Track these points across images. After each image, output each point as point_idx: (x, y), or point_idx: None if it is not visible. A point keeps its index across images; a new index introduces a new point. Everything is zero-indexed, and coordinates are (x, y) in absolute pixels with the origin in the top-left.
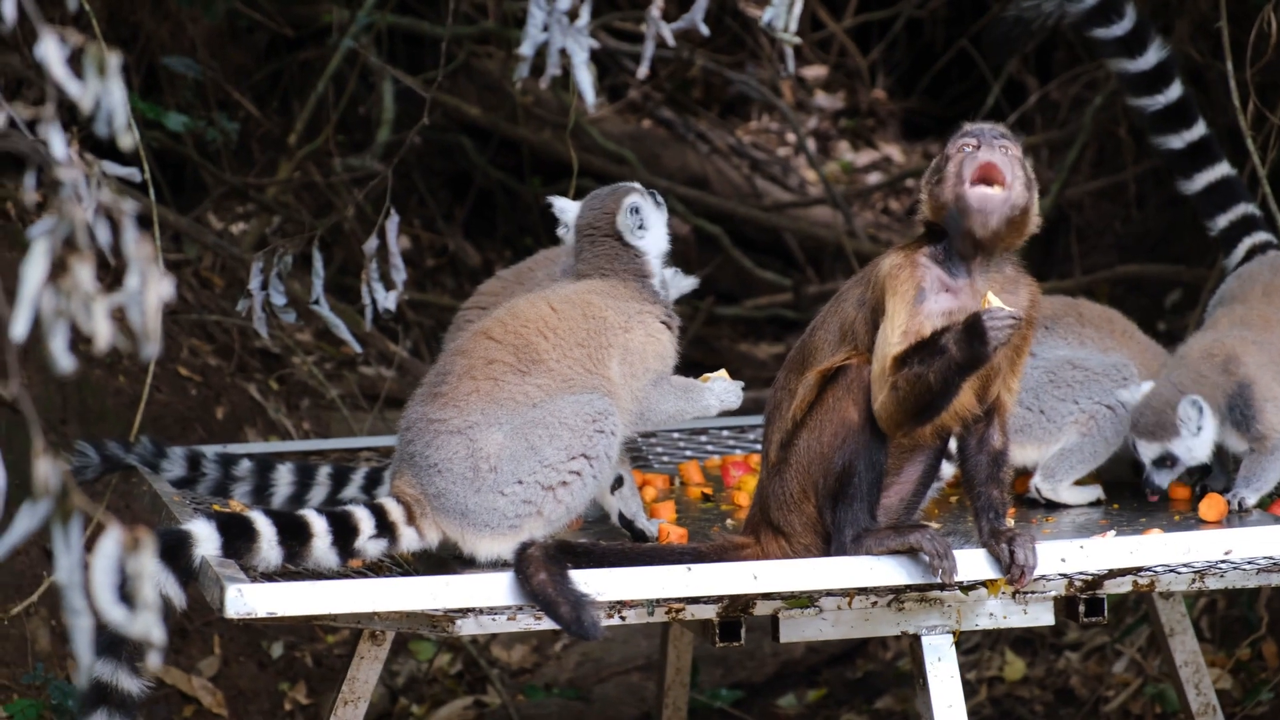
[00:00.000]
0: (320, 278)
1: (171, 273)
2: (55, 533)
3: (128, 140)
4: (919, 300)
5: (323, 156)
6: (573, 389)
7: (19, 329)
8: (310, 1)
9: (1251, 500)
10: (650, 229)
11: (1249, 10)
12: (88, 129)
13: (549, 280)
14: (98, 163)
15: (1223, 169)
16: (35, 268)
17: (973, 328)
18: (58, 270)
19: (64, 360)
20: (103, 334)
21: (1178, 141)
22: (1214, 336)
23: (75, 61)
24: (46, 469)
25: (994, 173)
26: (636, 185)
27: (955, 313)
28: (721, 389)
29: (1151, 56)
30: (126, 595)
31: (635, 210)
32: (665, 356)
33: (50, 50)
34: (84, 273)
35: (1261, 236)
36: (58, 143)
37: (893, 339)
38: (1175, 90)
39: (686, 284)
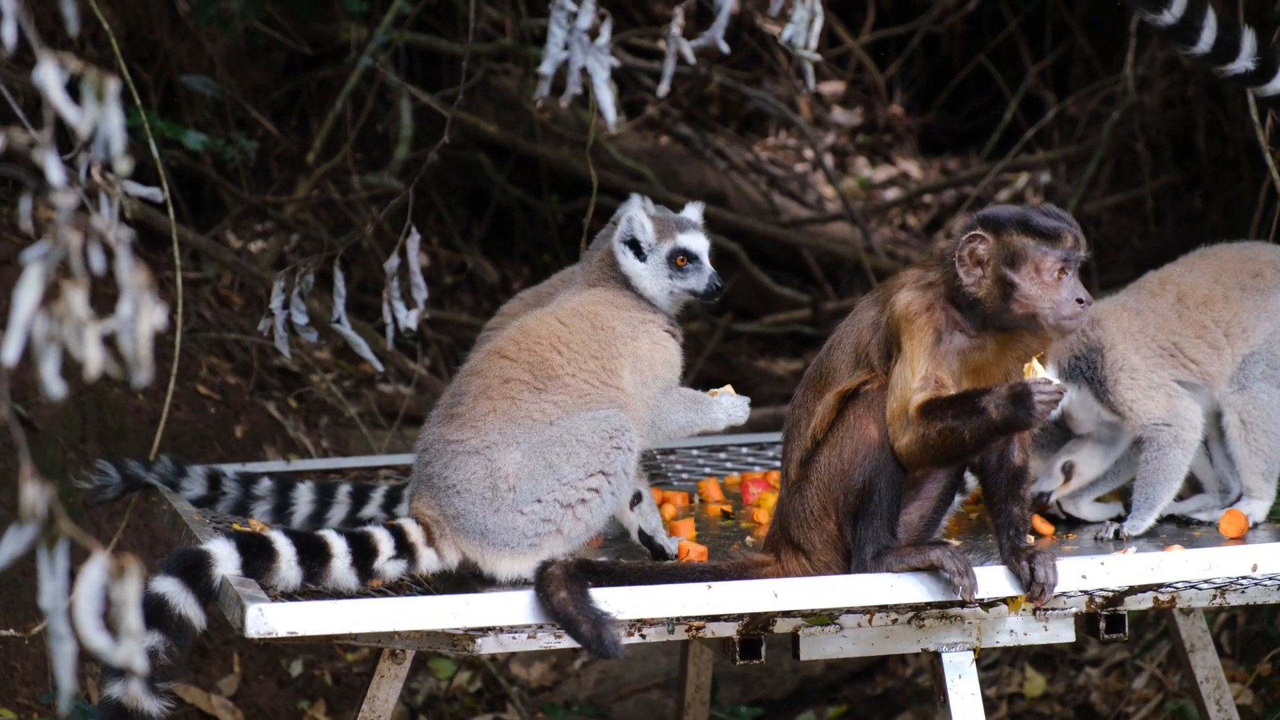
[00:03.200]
0: (342, 296)
1: (190, 291)
2: (41, 558)
3: (124, 166)
4: (936, 344)
5: (341, 174)
6: (589, 404)
7: (10, 353)
8: (328, 20)
9: (1140, 528)
10: (645, 258)
11: (1269, 23)
12: None
13: None
14: (119, 181)
15: None
16: (28, 292)
17: (1019, 397)
18: (53, 294)
19: (54, 386)
20: (94, 360)
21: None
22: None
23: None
24: (34, 493)
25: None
26: (658, 210)
27: (969, 351)
28: (729, 404)
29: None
30: (152, 618)
31: (630, 223)
32: (673, 364)
33: (49, 75)
34: (77, 298)
35: None
36: (54, 168)
37: (914, 383)
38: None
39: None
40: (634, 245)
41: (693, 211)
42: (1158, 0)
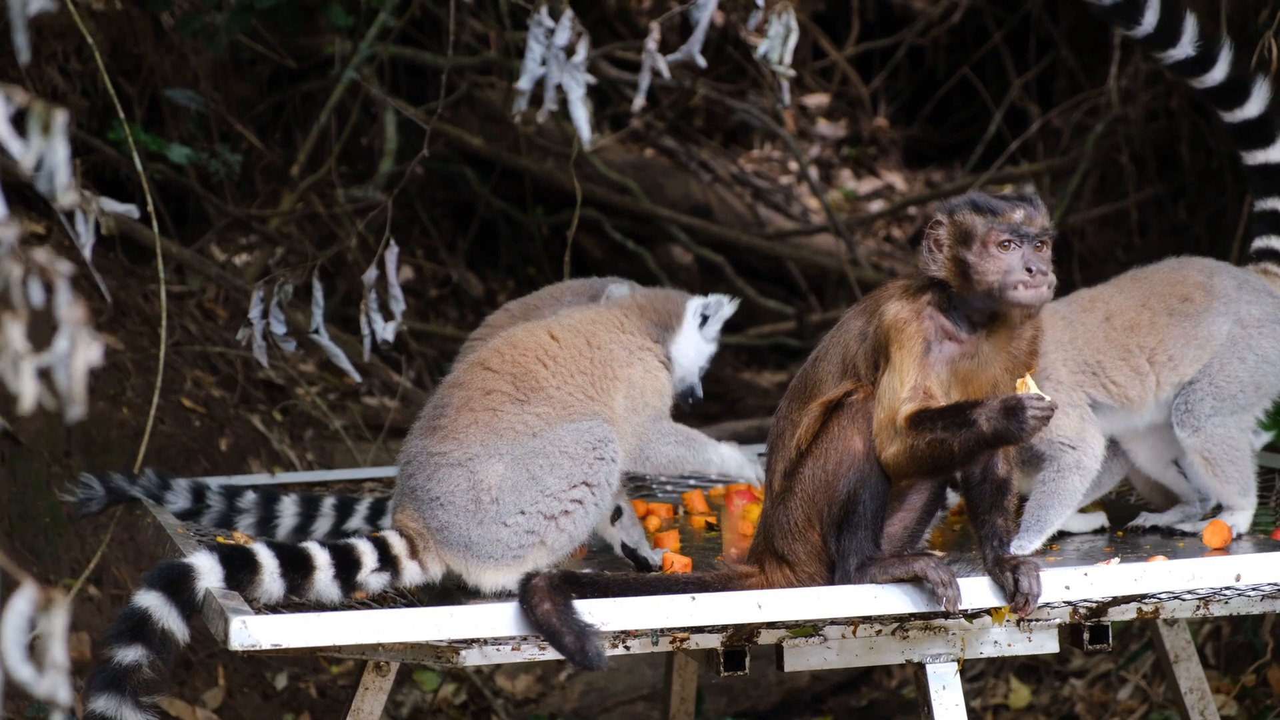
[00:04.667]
0: (320, 307)
1: (174, 304)
2: None
3: (69, 198)
4: (925, 353)
5: (325, 187)
6: (573, 416)
7: None
8: (313, 33)
9: (1028, 549)
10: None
11: (1251, 37)
12: (92, 161)
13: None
14: (96, 198)
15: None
16: None
17: (1012, 411)
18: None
19: None
20: (28, 394)
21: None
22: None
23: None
24: None
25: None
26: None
27: (958, 360)
28: (727, 452)
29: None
30: (135, 632)
31: (720, 305)
32: (664, 394)
33: None
34: (15, 331)
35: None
36: None
37: (902, 394)
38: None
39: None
40: (704, 321)
41: None
42: None
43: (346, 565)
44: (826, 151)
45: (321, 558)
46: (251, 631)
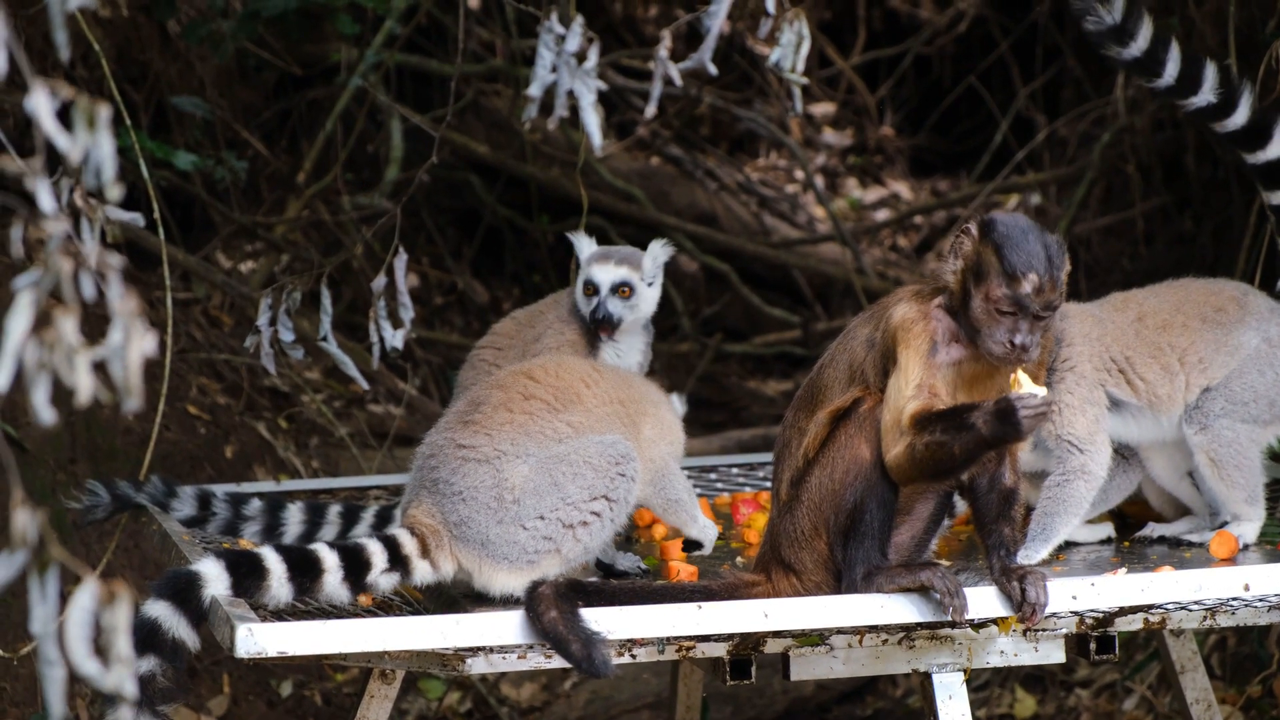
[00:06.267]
0: (328, 315)
1: (179, 311)
2: (31, 583)
3: (115, 193)
4: (932, 354)
5: (331, 195)
6: (601, 429)
7: (1, 380)
8: (319, 40)
9: (1035, 558)
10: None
11: (1258, 45)
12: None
13: (559, 322)
14: (101, 206)
15: None
16: (19, 319)
17: (1004, 412)
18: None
19: (45, 413)
20: (84, 387)
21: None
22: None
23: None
24: (25, 520)
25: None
26: None
27: (964, 363)
28: (709, 524)
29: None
30: (147, 643)
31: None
32: (681, 441)
33: (40, 103)
34: (67, 325)
35: None
36: (46, 196)
37: (906, 393)
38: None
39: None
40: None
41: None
42: (1123, 33)
43: (355, 566)
44: (832, 160)
45: (330, 560)
46: (257, 639)
